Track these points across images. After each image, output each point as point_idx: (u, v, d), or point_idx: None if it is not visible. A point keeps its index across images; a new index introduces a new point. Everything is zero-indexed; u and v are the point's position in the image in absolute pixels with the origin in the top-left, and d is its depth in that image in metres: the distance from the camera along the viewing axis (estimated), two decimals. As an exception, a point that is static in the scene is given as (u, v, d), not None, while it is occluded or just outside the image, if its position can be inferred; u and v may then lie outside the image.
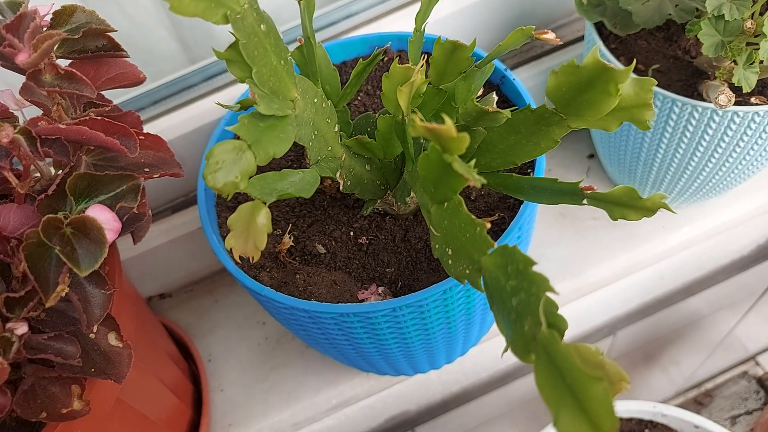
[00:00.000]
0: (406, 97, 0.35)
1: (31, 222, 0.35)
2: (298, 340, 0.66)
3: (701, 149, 0.55)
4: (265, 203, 0.31)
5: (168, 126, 0.64)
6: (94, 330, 0.39)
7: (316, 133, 0.37)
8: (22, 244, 0.32)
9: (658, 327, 1.14)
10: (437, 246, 0.33)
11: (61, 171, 0.40)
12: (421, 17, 0.41)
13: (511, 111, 0.35)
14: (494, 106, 0.42)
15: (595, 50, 0.31)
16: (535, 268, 0.25)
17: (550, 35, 0.37)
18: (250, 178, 0.30)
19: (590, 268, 0.68)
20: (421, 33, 0.42)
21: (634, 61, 0.32)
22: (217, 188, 0.28)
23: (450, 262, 0.32)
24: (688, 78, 0.56)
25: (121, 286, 0.44)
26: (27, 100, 0.44)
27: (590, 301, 0.73)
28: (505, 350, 0.26)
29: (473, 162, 0.28)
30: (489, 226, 0.29)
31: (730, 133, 0.53)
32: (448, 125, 0.24)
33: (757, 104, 0.51)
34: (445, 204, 0.33)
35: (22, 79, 0.44)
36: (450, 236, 0.32)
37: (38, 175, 0.41)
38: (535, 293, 0.24)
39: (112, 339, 0.39)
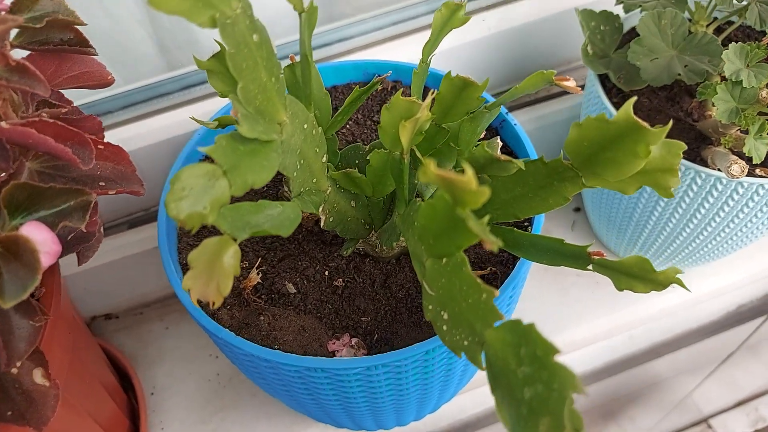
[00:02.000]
0: (409, 134, 0.31)
1: (-47, 234, 0.29)
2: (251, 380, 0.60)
3: (699, 216, 0.53)
4: (235, 240, 0.27)
5: (135, 134, 0.59)
6: (18, 364, 0.33)
7: (302, 162, 0.32)
8: (-64, 261, 0.27)
9: (620, 386, 1.12)
10: (430, 307, 0.29)
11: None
12: (429, 48, 0.37)
13: (524, 162, 0.32)
14: (498, 152, 0.38)
15: (629, 105, 0.27)
16: (558, 358, 0.21)
17: (571, 83, 0.34)
18: (220, 208, 0.25)
19: (569, 327, 0.65)
20: (426, 65, 0.38)
21: (671, 121, 0.29)
22: (180, 219, 0.24)
23: (445, 328, 0.28)
24: (691, 142, 0.53)
25: (57, 311, 0.38)
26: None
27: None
28: (511, 450, 0.22)
29: (487, 218, 0.24)
30: (497, 294, 0.25)
31: (731, 203, 0.50)
32: (469, 176, 0.20)
33: (762, 176, 0.49)
34: (444, 260, 0.29)
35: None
36: (447, 298, 0.28)
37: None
38: (558, 390, 0.20)
39: (37, 376, 0.33)
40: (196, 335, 0.64)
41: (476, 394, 0.65)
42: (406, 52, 0.64)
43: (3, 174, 0.30)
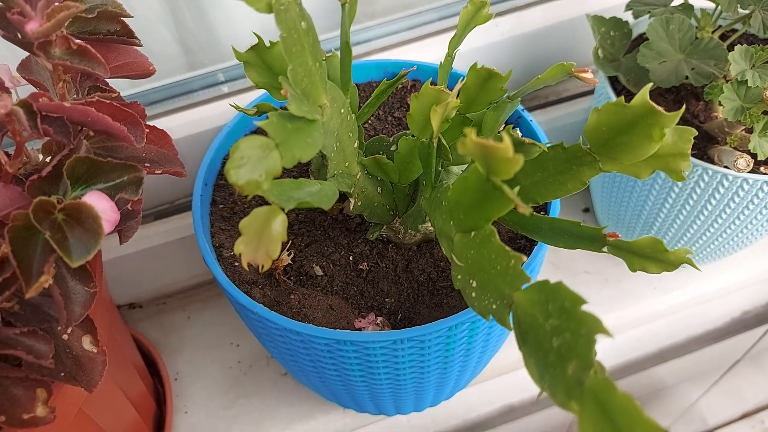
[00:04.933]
0: (440, 118, 0.33)
1: (17, 204, 0.31)
2: (272, 367, 0.62)
3: (705, 213, 0.55)
4: (283, 209, 0.29)
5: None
6: (68, 331, 0.35)
7: (338, 144, 0.35)
8: (6, 226, 0.29)
9: (626, 391, 1.13)
10: (459, 277, 0.31)
11: (52, 154, 0.37)
12: (455, 42, 0.39)
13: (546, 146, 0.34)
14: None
15: (645, 91, 0.30)
16: (584, 307, 0.23)
17: (589, 75, 0.36)
18: (273, 179, 0.28)
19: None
20: (452, 58, 0.40)
21: (684, 106, 0.31)
22: (239, 185, 0.26)
23: (474, 294, 0.30)
24: (698, 142, 0.56)
25: (101, 287, 0.41)
26: (24, 78, 0.41)
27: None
28: (540, 395, 0.24)
29: (518, 188, 0.26)
30: (526, 260, 0.27)
31: (737, 199, 0.52)
32: (507, 143, 0.23)
33: (765, 173, 0.51)
34: (473, 233, 0.31)
35: (20, 57, 0.42)
36: (476, 267, 0.30)
37: (25, 158, 0.38)
38: (585, 334, 0.22)
39: (86, 343, 0.36)
40: (217, 324, 0.66)
41: (484, 392, 0.67)
42: (418, 55, 0.66)
43: (65, 149, 0.32)
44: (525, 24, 0.67)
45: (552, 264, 0.70)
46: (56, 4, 0.33)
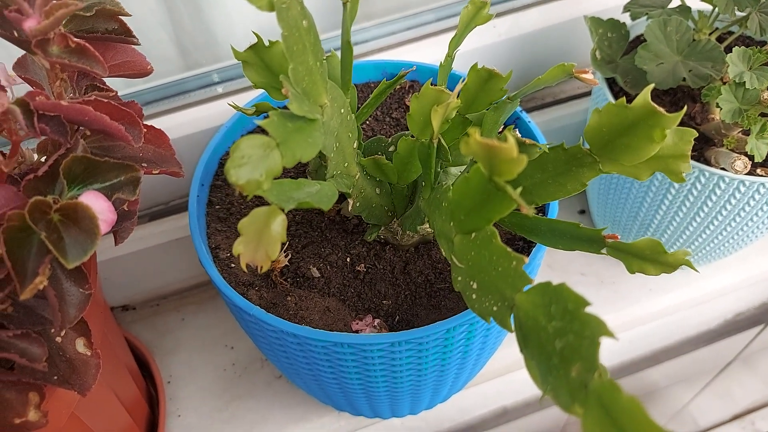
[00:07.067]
0: (440, 118, 0.33)
1: (12, 204, 0.31)
2: (266, 369, 0.62)
3: (702, 214, 0.55)
4: (282, 210, 0.28)
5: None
6: (62, 333, 0.35)
7: (338, 145, 0.35)
8: (1, 227, 0.28)
9: (619, 393, 1.13)
10: (459, 278, 0.31)
11: (48, 154, 0.37)
12: (456, 42, 0.39)
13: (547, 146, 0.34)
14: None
15: (647, 92, 0.30)
16: (588, 309, 0.23)
17: (589, 75, 0.36)
18: (273, 179, 0.27)
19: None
20: (452, 58, 0.40)
21: (685, 106, 0.31)
22: (239, 185, 0.26)
23: (474, 296, 0.30)
24: (695, 143, 0.56)
25: (95, 288, 0.40)
26: (20, 76, 0.40)
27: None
28: (542, 398, 0.23)
29: (520, 188, 0.26)
30: (527, 261, 0.27)
31: (733, 201, 0.52)
32: (511, 143, 0.22)
33: (762, 176, 0.51)
34: (473, 234, 0.31)
35: (14, 57, 0.41)
36: (477, 269, 0.30)
37: (20, 158, 0.38)
38: (589, 336, 0.22)
39: (80, 345, 0.35)
40: (211, 327, 0.65)
41: (478, 394, 0.67)
42: (417, 56, 0.66)
43: (61, 148, 0.32)
44: (523, 25, 0.67)
45: (548, 266, 0.70)
46: (54, 1, 0.33)
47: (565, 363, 0.23)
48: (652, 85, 0.30)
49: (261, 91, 0.54)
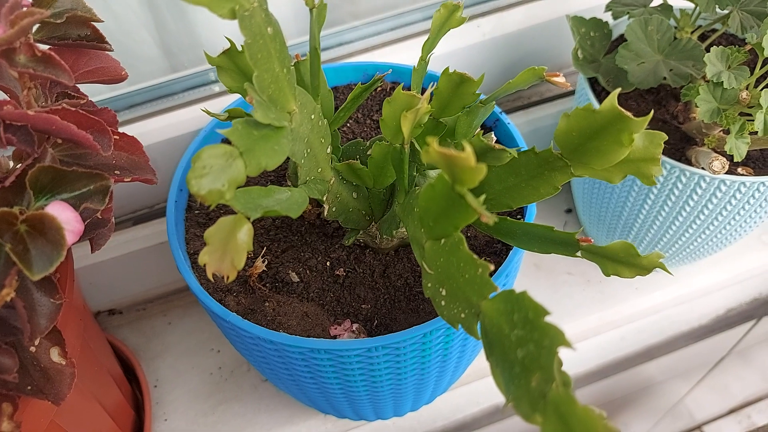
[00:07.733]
0: (410, 124, 0.33)
1: (-20, 214, 0.31)
2: (253, 373, 0.62)
3: (684, 213, 0.55)
4: (248, 218, 0.28)
5: (140, 133, 0.61)
6: (36, 343, 0.35)
7: (309, 151, 0.34)
8: (-34, 238, 0.28)
9: (613, 390, 1.13)
10: (429, 285, 0.31)
11: (21, 163, 0.37)
12: (429, 47, 0.39)
13: (517, 151, 0.34)
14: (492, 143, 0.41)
15: (614, 96, 0.30)
16: (548, 319, 0.23)
17: (561, 78, 0.36)
18: (237, 188, 0.27)
19: (560, 324, 0.67)
20: (425, 62, 0.40)
21: (652, 111, 0.31)
22: (200, 195, 0.26)
23: (443, 303, 0.30)
24: (676, 143, 0.56)
25: (71, 296, 0.40)
26: (-7, 84, 0.40)
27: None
28: (505, 406, 0.23)
29: (483, 197, 0.26)
30: (492, 268, 0.27)
31: (714, 200, 0.52)
32: (468, 153, 0.22)
33: (743, 174, 0.51)
34: (442, 241, 0.31)
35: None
36: (445, 276, 0.30)
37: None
38: (547, 346, 0.22)
39: (54, 355, 0.35)
40: (198, 330, 0.65)
41: (471, 392, 0.67)
42: (403, 56, 0.66)
43: (29, 158, 0.31)
44: (507, 25, 0.67)
45: (534, 265, 0.70)
46: (22, 9, 0.33)
47: (525, 372, 0.23)
48: (618, 90, 0.30)
49: (241, 94, 0.54)
